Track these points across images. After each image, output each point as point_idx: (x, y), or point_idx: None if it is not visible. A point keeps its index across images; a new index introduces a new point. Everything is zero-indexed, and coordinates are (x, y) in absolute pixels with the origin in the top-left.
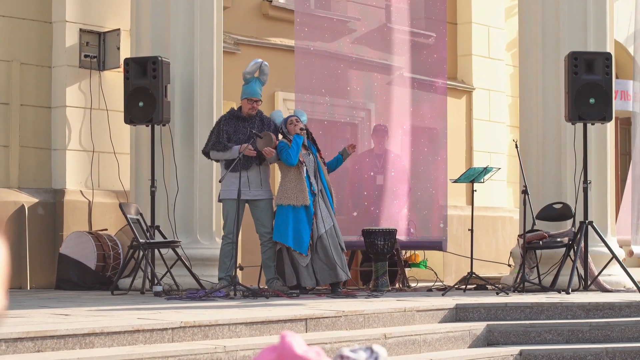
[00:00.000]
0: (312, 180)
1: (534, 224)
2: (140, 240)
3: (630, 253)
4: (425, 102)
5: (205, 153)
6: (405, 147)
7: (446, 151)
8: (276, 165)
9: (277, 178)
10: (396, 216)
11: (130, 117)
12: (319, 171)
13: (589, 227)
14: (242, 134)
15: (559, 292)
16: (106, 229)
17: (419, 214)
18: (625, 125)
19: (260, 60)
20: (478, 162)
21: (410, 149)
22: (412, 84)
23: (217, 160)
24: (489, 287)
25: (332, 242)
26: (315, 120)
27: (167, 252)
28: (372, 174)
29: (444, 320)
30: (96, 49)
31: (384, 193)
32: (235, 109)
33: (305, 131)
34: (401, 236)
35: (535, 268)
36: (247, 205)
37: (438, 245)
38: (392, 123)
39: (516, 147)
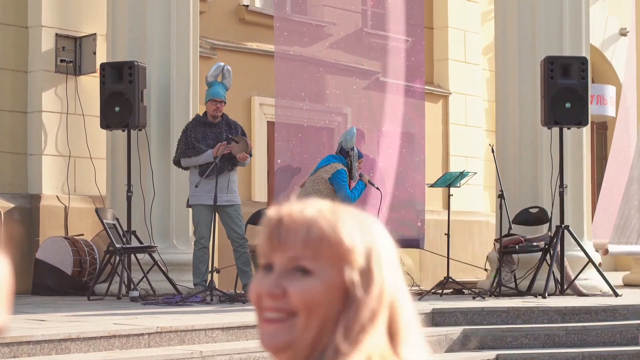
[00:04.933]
0: None
1: (510, 228)
2: (117, 246)
3: (605, 252)
4: (403, 106)
5: (176, 162)
6: (383, 150)
7: (424, 152)
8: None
9: (253, 183)
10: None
11: (107, 122)
12: None
13: (565, 231)
14: (211, 139)
15: (536, 297)
16: (82, 234)
17: (397, 213)
18: (601, 129)
19: (222, 63)
20: (454, 167)
21: (388, 151)
22: (390, 88)
23: (186, 168)
24: (466, 291)
25: None
26: (294, 125)
27: (143, 257)
28: None
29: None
30: (72, 53)
31: (362, 196)
32: (201, 115)
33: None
34: None
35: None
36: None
37: (416, 243)
38: (369, 127)
39: (492, 151)
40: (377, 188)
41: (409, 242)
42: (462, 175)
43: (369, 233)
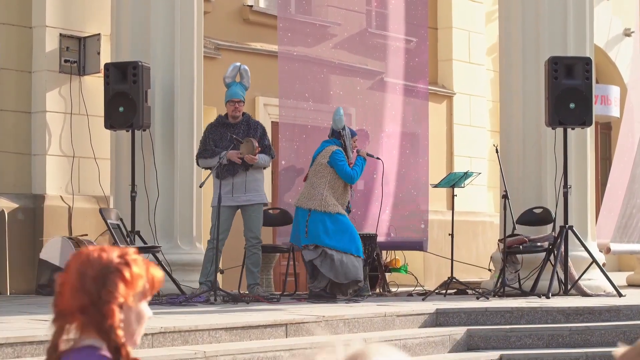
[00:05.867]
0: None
1: (514, 228)
2: (121, 246)
3: (608, 250)
4: (407, 106)
5: (197, 163)
6: (387, 151)
7: (427, 153)
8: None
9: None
10: (377, 218)
11: (111, 122)
12: None
13: (569, 231)
14: (228, 141)
15: (539, 297)
16: (86, 234)
17: (400, 215)
18: (605, 130)
19: (238, 63)
20: (458, 167)
21: (392, 152)
22: (393, 88)
23: (206, 168)
24: (469, 291)
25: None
26: (298, 125)
27: (147, 257)
28: None
29: (424, 325)
30: (76, 53)
31: (365, 196)
32: (223, 115)
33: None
34: (381, 237)
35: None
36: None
37: (419, 246)
38: (373, 127)
39: (496, 151)
40: (378, 158)
41: (412, 245)
42: (466, 175)
43: None
